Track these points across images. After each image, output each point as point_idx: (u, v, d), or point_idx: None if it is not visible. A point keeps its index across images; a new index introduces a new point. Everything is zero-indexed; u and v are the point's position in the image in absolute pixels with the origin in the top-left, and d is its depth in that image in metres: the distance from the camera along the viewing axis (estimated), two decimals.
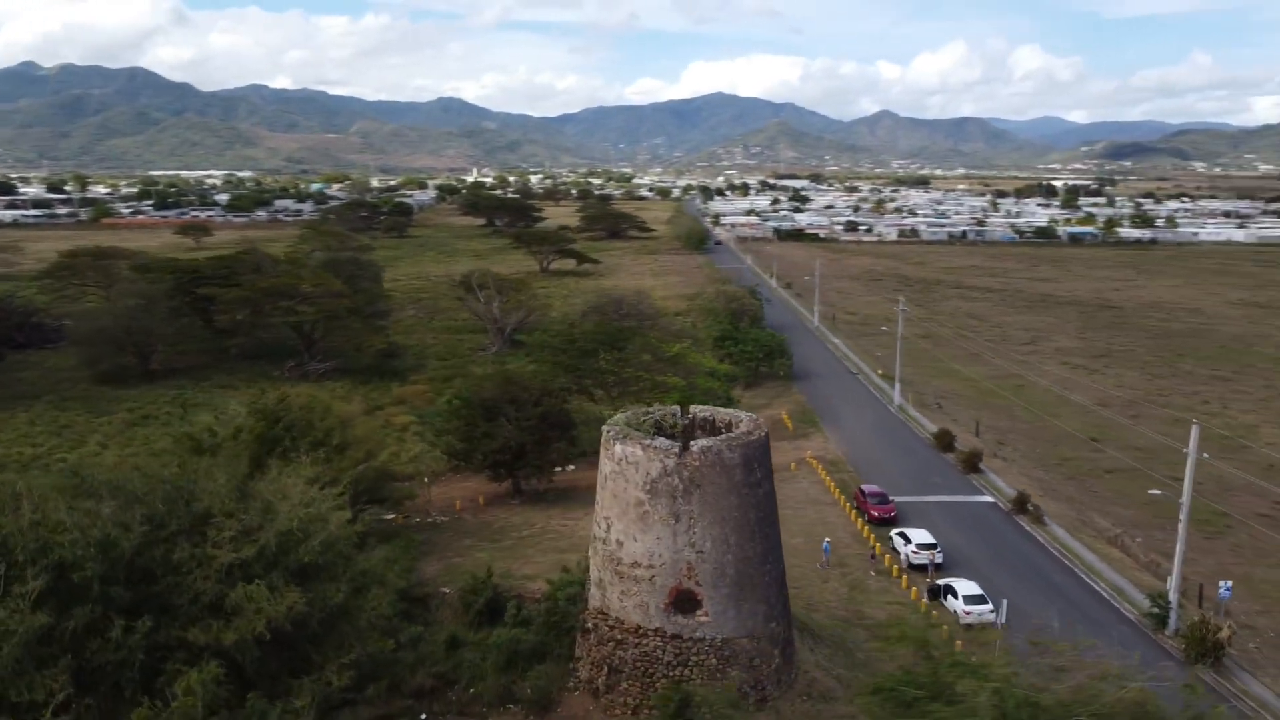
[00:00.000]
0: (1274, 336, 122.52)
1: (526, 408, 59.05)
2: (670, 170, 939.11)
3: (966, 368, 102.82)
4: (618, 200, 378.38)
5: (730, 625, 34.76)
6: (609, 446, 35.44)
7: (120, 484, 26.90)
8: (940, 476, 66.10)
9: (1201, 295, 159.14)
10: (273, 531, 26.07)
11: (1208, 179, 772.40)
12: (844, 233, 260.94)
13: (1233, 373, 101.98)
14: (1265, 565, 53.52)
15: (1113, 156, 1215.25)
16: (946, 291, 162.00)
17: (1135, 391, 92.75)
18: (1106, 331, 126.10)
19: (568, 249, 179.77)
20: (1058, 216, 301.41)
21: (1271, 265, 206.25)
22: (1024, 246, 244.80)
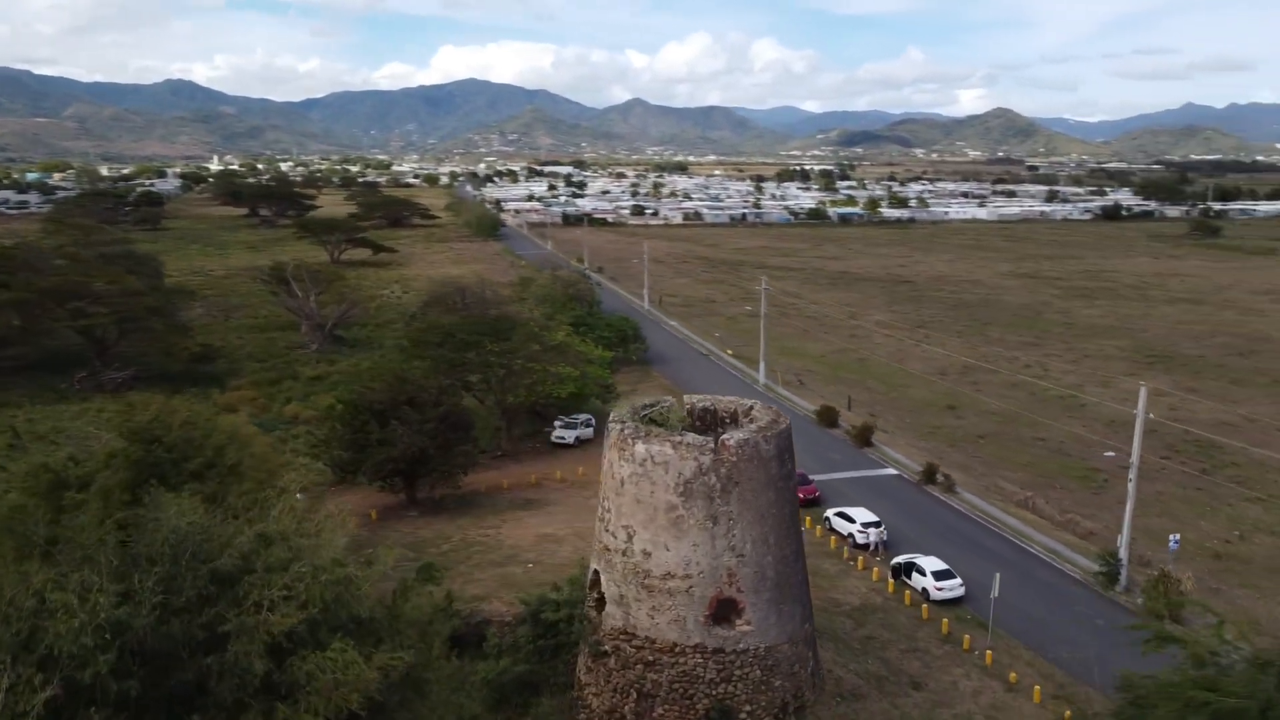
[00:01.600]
0: (1053, 304, 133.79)
1: (426, 409, 53.25)
2: (428, 157, 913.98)
3: (804, 345, 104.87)
4: (384, 188, 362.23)
5: (773, 632, 31.94)
6: (626, 447, 31.51)
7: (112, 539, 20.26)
8: (837, 453, 66.11)
9: (975, 268, 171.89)
10: (322, 582, 20.42)
11: (928, 164, 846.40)
12: (631, 216, 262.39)
13: (1035, 338, 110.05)
14: (1154, 515, 56.93)
15: (846, 144, 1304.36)
16: (752, 272, 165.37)
17: (963, 358, 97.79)
18: (910, 304, 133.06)
19: (360, 238, 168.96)
20: (824, 199, 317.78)
21: (1018, 240, 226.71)
22: (800, 227, 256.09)
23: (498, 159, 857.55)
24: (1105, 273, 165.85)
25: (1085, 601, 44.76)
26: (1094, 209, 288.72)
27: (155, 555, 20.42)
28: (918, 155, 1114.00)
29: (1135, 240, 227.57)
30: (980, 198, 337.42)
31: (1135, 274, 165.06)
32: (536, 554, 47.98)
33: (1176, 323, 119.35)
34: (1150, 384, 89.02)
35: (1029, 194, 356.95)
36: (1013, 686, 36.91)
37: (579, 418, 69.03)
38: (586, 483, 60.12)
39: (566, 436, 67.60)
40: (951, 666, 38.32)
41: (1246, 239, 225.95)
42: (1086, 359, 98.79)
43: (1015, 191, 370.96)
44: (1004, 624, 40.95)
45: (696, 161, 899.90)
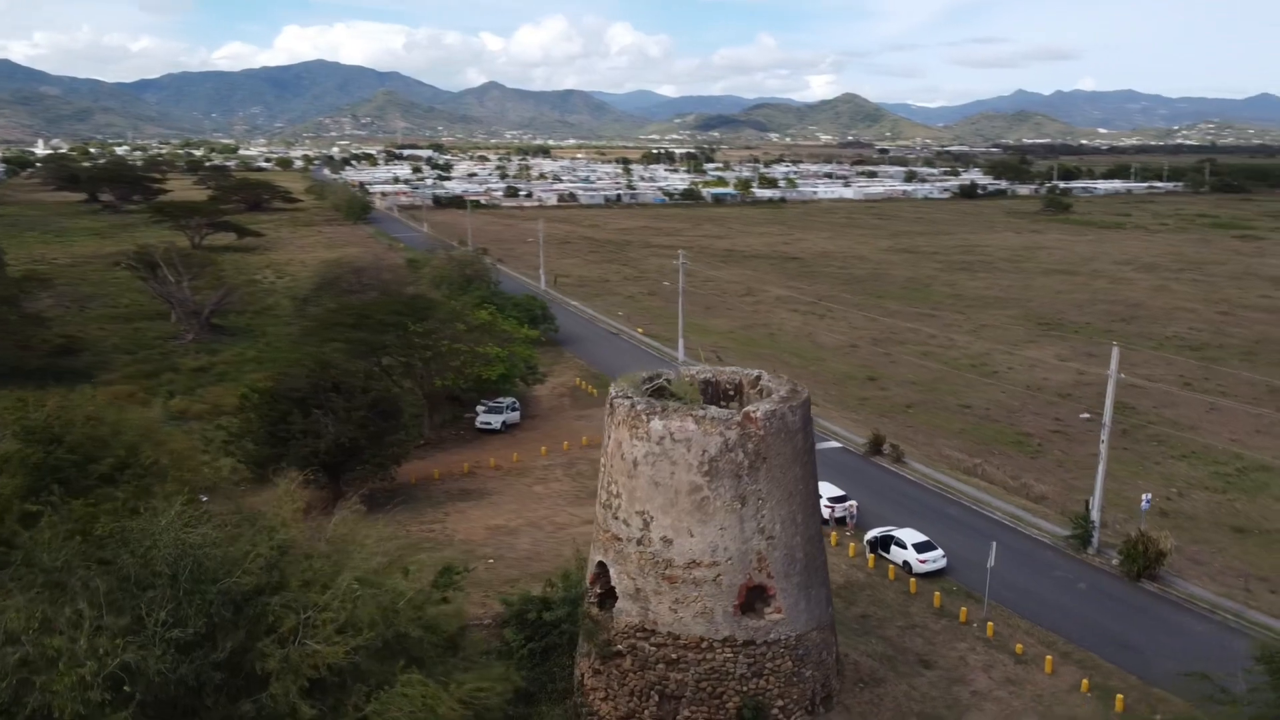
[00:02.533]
0: (938, 277, 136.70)
1: (353, 396, 48.43)
2: (277, 141, 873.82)
3: (709, 321, 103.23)
4: (234, 173, 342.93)
5: (803, 619, 29.51)
6: (639, 424, 28.36)
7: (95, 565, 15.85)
8: None
9: (855, 245, 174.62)
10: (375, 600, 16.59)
11: (783, 148, 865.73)
12: (504, 198, 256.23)
13: (931, 310, 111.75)
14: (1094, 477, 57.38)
15: (703, 128, 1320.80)
16: (641, 251, 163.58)
17: (868, 330, 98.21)
18: (803, 280, 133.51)
19: (223, 221, 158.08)
20: (694, 180, 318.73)
21: (887, 217, 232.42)
22: (676, 208, 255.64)
23: (351, 143, 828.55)
24: (978, 247, 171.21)
25: (1062, 566, 44.27)
26: (952, 188, 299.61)
27: (148, 577, 16.15)
28: (773, 139, 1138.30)
29: (995, 216, 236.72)
30: (844, 178, 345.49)
31: (1005, 247, 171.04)
32: (494, 548, 44.20)
33: (1056, 292, 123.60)
34: (1051, 350, 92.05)
35: (889, 175, 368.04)
36: (1021, 657, 35.73)
37: (504, 401, 65.09)
38: (525, 469, 56.49)
39: (493, 422, 63.58)
40: (954, 641, 36.88)
41: (1094, 214, 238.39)
42: (985, 328, 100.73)
43: (876, 172, 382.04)
44: (991, 593, 39.81)
45: (557, 145, 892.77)
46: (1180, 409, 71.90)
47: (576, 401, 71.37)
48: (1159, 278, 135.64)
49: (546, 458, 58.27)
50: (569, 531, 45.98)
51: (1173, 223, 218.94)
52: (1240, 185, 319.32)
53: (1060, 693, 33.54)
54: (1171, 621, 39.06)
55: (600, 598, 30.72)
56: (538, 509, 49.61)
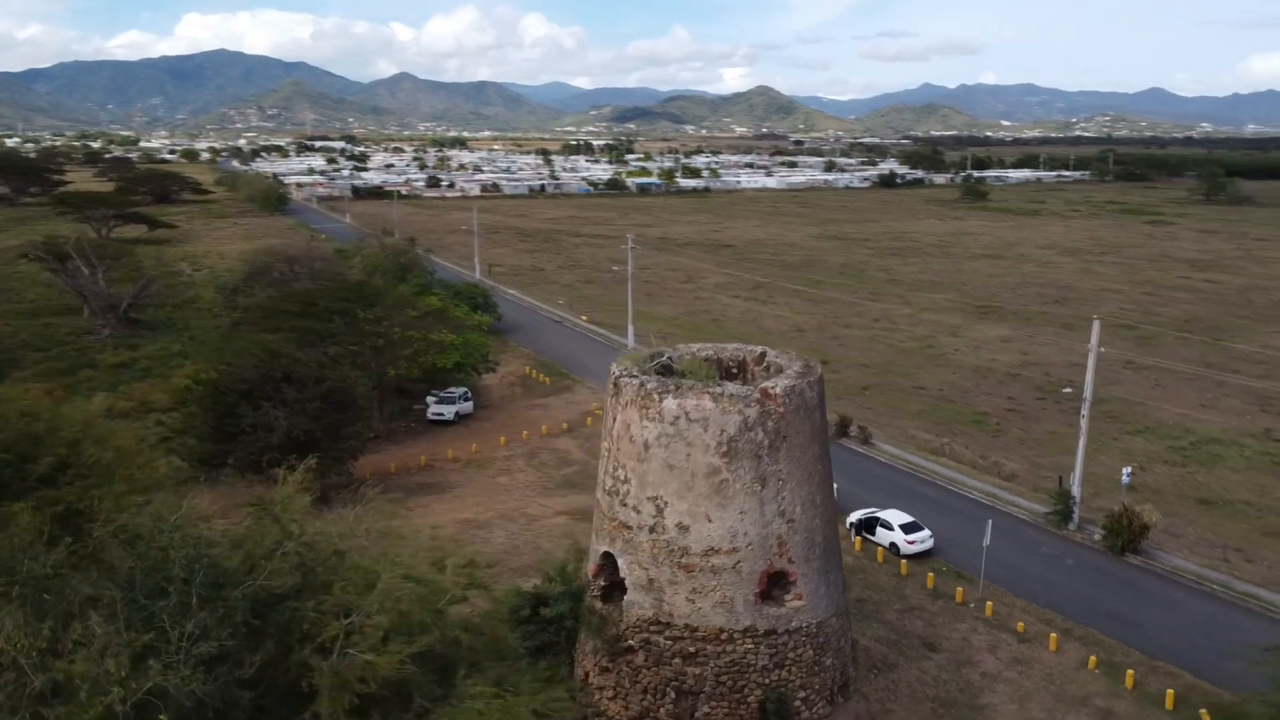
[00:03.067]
0: (871, 262, 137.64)
1: (307, 386, 45.48)
2: (179, 133, 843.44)
3: (652, 308, 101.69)
4: (137, 164, 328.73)
5: (823, 604, 28.13)
6: (651, 404, 26.56)
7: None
8: None
9: (785, 232, 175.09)
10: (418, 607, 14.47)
11: (700, 139, 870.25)
12: (426, 189, 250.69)
13: (870, 294, 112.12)
14: (1057, 453, 57.58)
15: (619, 120, 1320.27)
16: (571, 240, 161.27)
17: (812, 315, 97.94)
18: (739, 267, 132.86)
19: (132, 213, 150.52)
20: (617, 171, 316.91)
21: (811, 206, 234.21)
22: (601, 198, 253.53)
23: (258, 135, 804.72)
24: (906, 233, 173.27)
25: (1046, 543, 43.90)
26: (871, 177, 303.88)
27: (159, 583, 13.76)
28: (689, 131, 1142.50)
29: (915, 204, 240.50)
30: (765, 168, 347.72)
31: (931, 233, 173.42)
32: (466, 543, 41.80)
33: (988, 276, 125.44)
34: (993, 332, 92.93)
35: (808, 165, 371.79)
36: (1024, 636, 35.02)
37: (456, 391, 62.48)
38: (486, 461, 54.12)
39: (445, 413, 60.96)
40: (954, 622, 36.01)
41: (1010, 202, 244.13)
42: (925, 312, 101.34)
43: (796, 162, 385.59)
44: (979, 571, 39.11)
45: (473, 137, 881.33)
46: (1126, 386, 72.91)
47: (529, 390, 69.08)
48: (1083, 261, 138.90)
49: (507, 448, 55.98)
50: (544, 524, 43.94)
51: (1085, 209, 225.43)
52: (1143, 174, 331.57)
53: (1069, 671, 32.88)
54: (1162, 595, 38.89)
55: (604, 590, 28.86)
56: (506, 501, 47.37)
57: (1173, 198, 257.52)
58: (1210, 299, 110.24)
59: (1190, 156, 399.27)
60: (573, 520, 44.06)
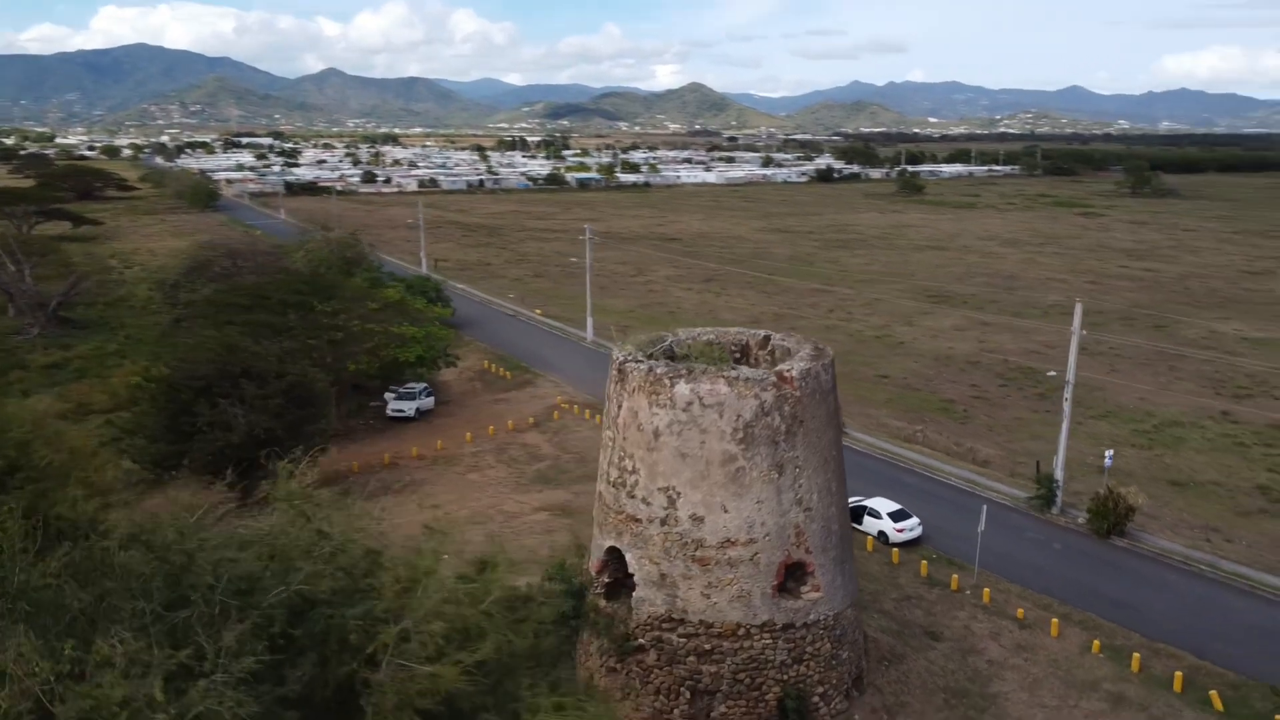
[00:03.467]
0: (819, 254, 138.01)
1: (268, 381, 43.19)
2: (98, 129, 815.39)
3: (605, 301, 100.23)
4: (56, 160, 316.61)
5: (839, 595, 27.15)
6: (661, 389, 25.28)
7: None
8: None
9: (730, 226, 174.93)
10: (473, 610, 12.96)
11: (634, 136, 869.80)
12: (361, 185, 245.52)
13: (822, 286, 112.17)
14: (1026, 438, 57.72)
15: (552, 116, 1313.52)
16: (516, 235, 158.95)
17: (767, 307, 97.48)
18: (688, 260, 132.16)
19: (55, 209, 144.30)
20: (557, 166, 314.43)
21: (753, 200, 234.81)
22: (542, 193, 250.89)
23: (181, 131, 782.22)
24: (849, 226, 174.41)
25: (1031, 528, 43.64)
26: (809, 172, 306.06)
27: (180, 593, 12.05)
28: (622, 128, 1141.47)
29: (854, 198, 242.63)
30: (703, 163, 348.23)
31: (874, 226, 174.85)
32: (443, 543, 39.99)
33: (935, 266, 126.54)
34: (947, 321, 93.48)
35: (746, 160, 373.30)
36: (1024, 623, 34.51)
37: (415, 387, 60.39)
38: (453, 458, 52.25)
39: (405, 409, 58.83)
40: (953, 610, 35.37)
41: (946, 195, 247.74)
42: (879, 302, 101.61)
43: (734, 157, 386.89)
44: (972, 559, 38.62)
45: (404, 134, 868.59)
46: (1083, 372, 73.42)
47: (489, 386, 67.20)
48: (1024, 251, 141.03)
49: (474, 444, 54.12)
50: (523, 520, 42.32)
51: (1019, 202, 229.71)
52: (1069, 169, 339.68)
53: (1073, 656, 32.42)
54: (1153, 576, 38.79)
55: (609, 587, 27.48)
56: (480, 498, 45.62)
57: (1100, 191, 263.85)
58: (1151, 287, 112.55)
59: (1112, 152, 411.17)
60: (553, 516, 42.56)
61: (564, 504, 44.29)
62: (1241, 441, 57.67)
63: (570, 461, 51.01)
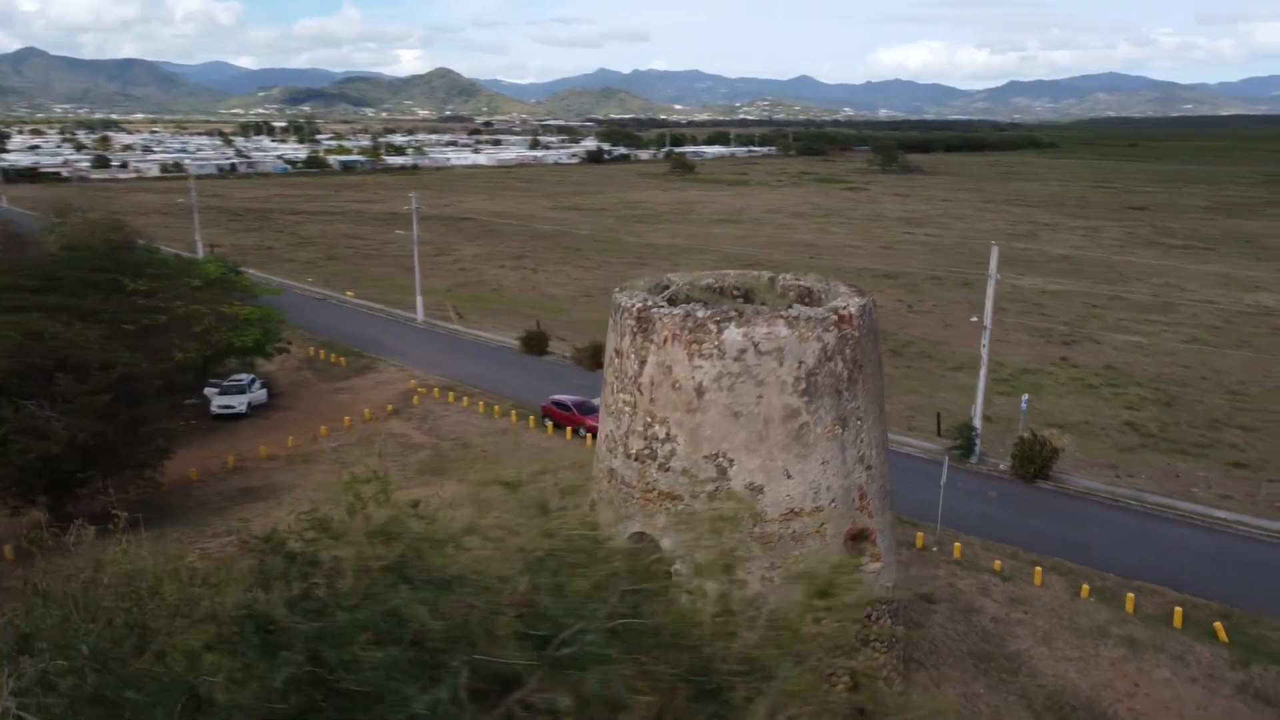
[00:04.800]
0: (620, 229, 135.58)
1: (90, 375, 34.66)
2: None
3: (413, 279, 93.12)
4: None
5: (893, 563, 24.04)
6: (705, 337, 21.13)
7: None
8: (577, 379, 57.65)
9: (519, 206, 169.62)
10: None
11: (382, 122, 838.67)
12: (93, 170, 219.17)
13: (636, 259, 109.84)
14: (903, 392, 57.43)
15: (292, 102, 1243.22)
16: (290, 218, 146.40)
17: (591, 281, 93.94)
18: (491, 238, 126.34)
19: None
20: (316, 150, 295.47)
21: (531, 180, 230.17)
22: (304, 176, 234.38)
23: None
24: (638, 203, 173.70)
25: (960, 479, 42.48)
26: (579, 153, 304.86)
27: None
28: (368, 114, 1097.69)
29: (629, 178, 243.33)
30: (469, 146, 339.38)
31: (661, 202, 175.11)
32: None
33: (737, 238, 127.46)
34: None
35: (512, 142, 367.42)
36: (1005, 574, 32.98)
37: (244, 379, 51.98)
38: (311, 454, 45.07)
39: (235, 404, 50.44)
40: (931, 569, 33.33)
41: (717, 174, 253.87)
42: (698, 272, 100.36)
43: (500, 140, 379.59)
44: (916, 515, 36.90)
45: (125, 120, 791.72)
46: (919, 329, 75.39)
47: (323, 374, 59.40)
48: (813, 223, 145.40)
49: (331, 438, 46.97)
50: None
51: (786, 179, 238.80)
52: (820, 149, 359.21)
53: (1067, 603, 31.13)
54: (1092, 515, 38.62)
55: None
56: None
57: (854, 168, 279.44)
58: (939, 250, 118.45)
59: (854, 135, 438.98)
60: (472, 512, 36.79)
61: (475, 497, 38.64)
62: (1089, 384, 60.25)
63: (453, 448, 45.19)
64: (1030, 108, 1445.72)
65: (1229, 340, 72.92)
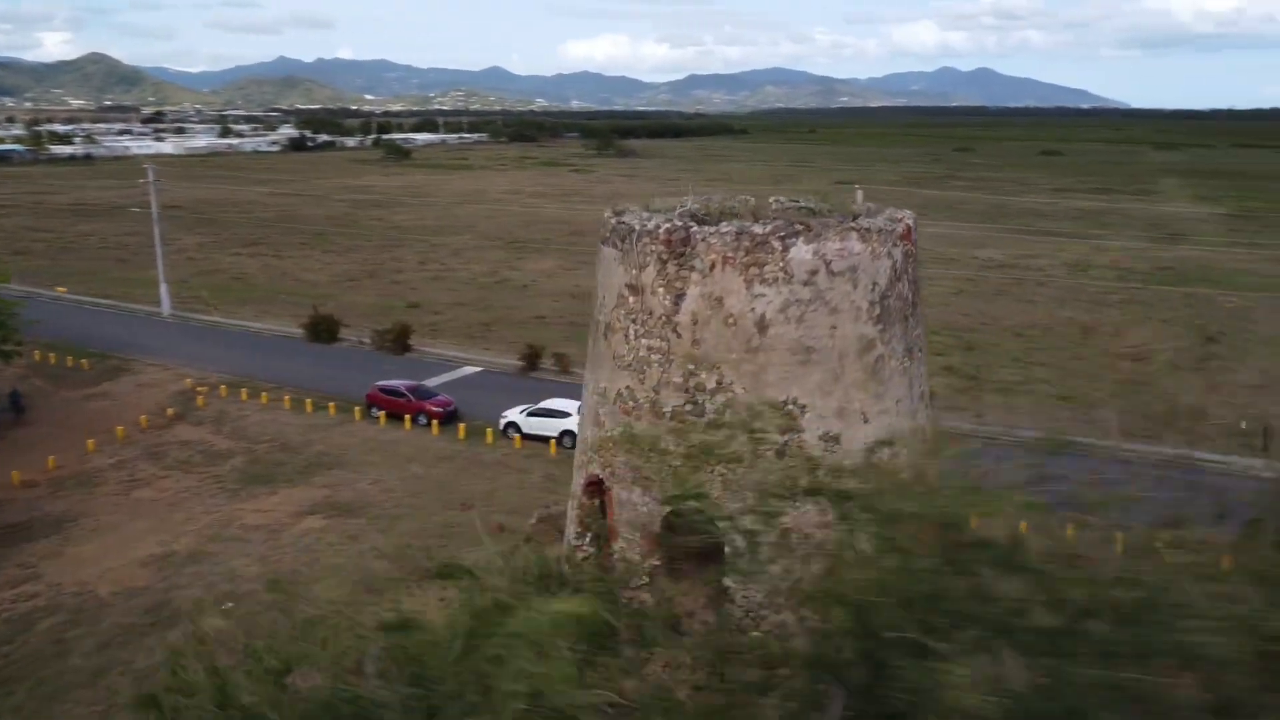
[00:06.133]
0: (358, 214, 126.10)
1: None
2: None
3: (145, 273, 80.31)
4: None
5: None
6: (769, 258, 17.41)
7: None
8: (387, 364, 50.88)
9: (231, 192, 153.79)
10: None
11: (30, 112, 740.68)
12: None
13: (390, 241, 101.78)
14: None
15: None
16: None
17: (354, 265, 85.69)
18: (209, 228, 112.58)
19: None
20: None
21: (233, 169, 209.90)
22: None
23: None
24: (367, 188, 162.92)
25: None
26: (281, 141, 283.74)
27: None
28: (8, 104, 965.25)
29: (342, 164, 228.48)
30: (145, 134, 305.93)
31: (391, 186, 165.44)
32: (195, 589, 26.10)
33: (487, 217, 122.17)
34: (546, 263, 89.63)
35: (199, 130, 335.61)
36: None
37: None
38: (88, 475, 36.15)
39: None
40: None
41: (436, 159, 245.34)
42: (464, 251, 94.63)
43: (184, 128, 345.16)
44: None
45: None
46: None
47: (61, 380, 48.50)
48: (557, 202, 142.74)
49: (105, 453, 37.78)
50: (300, 528, 29.55)
51: (509, 163, 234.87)
52: (531, 135, 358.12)
53: None
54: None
55: (668, 566, 18.58)
56: (189, 515, 31.29)
57: (571, 153, 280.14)
58: None
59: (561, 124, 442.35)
60: (332, 518, 30.33)
61: (329, 502, 32.02)
62: None
63: (273, 450, 37.76)
64: (710, 99, 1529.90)
65: (986, 290, 78.39)
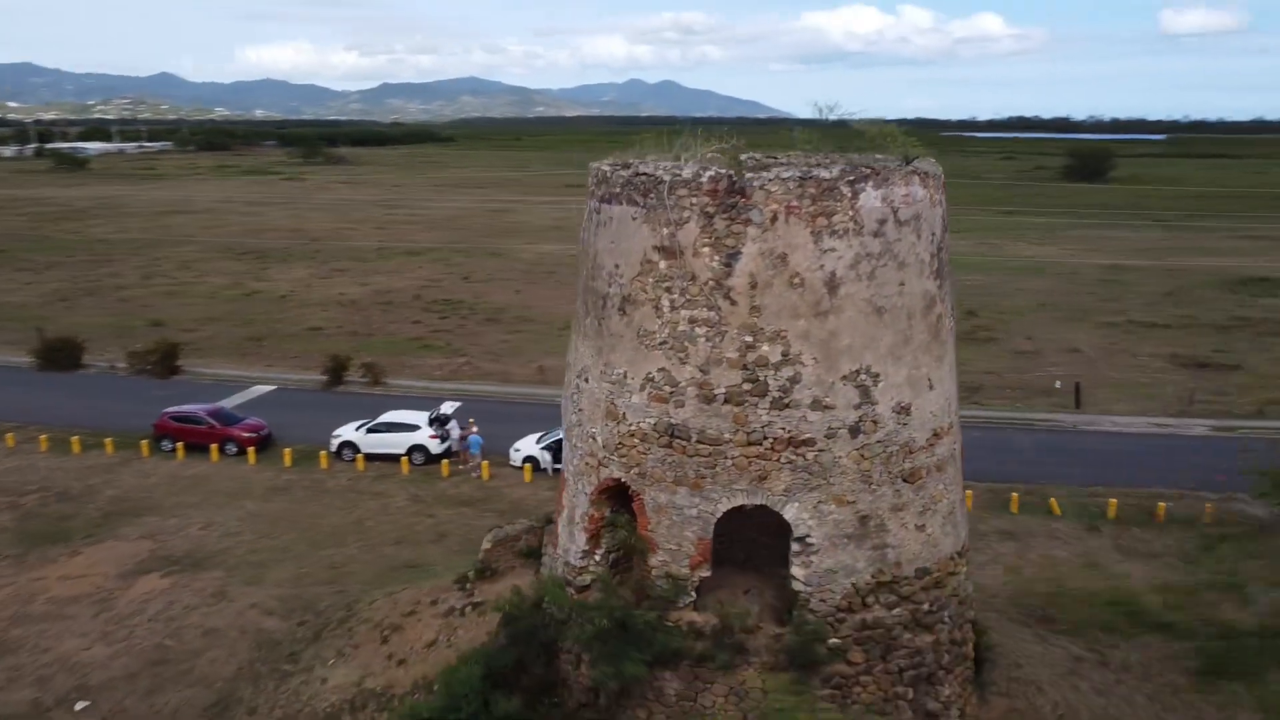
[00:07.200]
0: (45, 229, 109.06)
1: None
2: None
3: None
4: None
5: None
6: (837, 207, 15.45)
7: None
8: (155, 390, 43.11)
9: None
10: None
11: None
12: None
13: (98, 256, 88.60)
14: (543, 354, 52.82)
15: None
16: None
17: (62, 285, 73.40)
18: None
19: None
20: None
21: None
22: None
23: None
24: (44, 200, 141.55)
25: None
26: None
27: None
28: None
29: (7, 175, 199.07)
30: None
31: (77, 198, 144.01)
32: (63, 681, 19.67)
33: (207, 228, 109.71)
34: (298, 272, 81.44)
35: None
36: None
37: None
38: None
39: None
40: None
41: (120, 169, 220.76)
42: (195, 263, 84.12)
43: None
44: None
45: None
46: (498, 297, 70.92)
47: None
48: (281, 210, 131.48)
49: None
50: (136, 592, 23.41)
51: (206, 172, 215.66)
52: (223, 144, 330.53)
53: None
54: None
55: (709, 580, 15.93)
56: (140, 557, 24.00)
57: (276, 161, 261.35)
58: (440, 226, 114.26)
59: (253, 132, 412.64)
60: (174, 575, 24.39)
61: (158, 556, 25.83)
62: None
63: (48, 502, 30.37)
64: (405, 108, 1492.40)
65: None
